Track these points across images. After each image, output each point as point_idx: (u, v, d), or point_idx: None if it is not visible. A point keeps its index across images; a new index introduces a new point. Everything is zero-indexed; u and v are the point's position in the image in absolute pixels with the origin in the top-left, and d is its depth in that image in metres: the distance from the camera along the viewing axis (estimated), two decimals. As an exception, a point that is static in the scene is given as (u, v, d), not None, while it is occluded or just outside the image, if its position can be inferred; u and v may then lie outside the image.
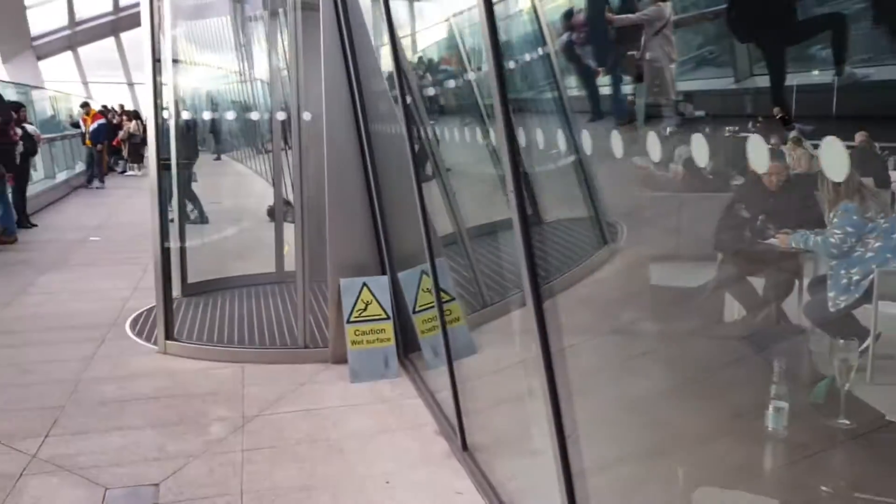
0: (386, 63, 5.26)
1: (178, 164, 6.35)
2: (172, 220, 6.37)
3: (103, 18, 31.13)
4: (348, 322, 4.78)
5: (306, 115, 5.23)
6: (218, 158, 10.14)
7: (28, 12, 26.11)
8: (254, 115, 6.49)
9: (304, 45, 5.25)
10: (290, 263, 7.29)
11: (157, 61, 5.07)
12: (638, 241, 5.20)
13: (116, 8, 31.14)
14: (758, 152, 1.91)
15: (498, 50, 2.36)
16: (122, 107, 22.10)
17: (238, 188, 10.07)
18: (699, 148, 2.07)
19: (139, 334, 5.56)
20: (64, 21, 29.38)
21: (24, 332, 5.61)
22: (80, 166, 17.41)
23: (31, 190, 12.81)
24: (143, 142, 20.41)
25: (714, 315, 3.99)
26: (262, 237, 8.12)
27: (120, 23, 31.71)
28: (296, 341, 5.15)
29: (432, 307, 4.85)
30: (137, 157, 19.71)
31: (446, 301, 4.83)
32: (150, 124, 5.04)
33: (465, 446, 3.58)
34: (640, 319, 4.43)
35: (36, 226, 10.65)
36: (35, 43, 27.59)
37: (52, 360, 4.97)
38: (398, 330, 4.92)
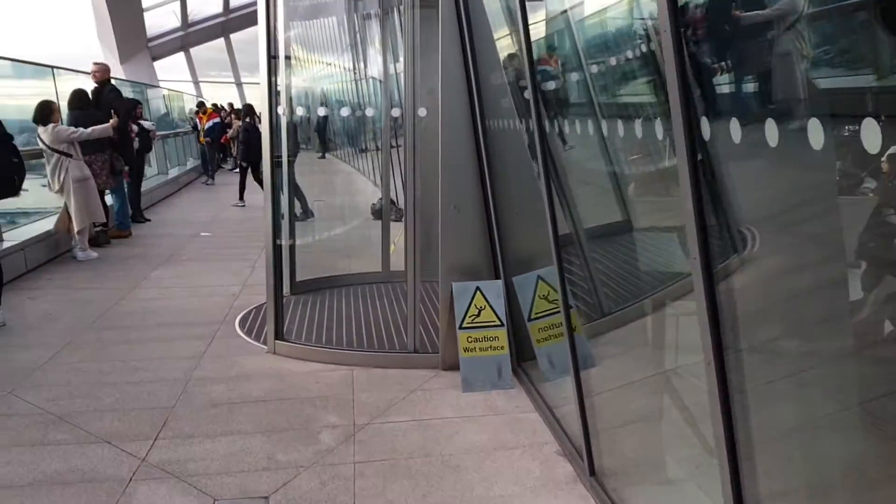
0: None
1: (288, 162, 6.28)
2: (283, 217, 6.33)
3: (214, 20, 32.14)
4: (460, 328, 4.56)
5: (421, 111, 5.03)
6: (322, 157, 10.14)
7: (145, 14, 27.16)
8: (369, 112, 6.35)
9: (420, 41, 5.07)
10: (396, 263, 7.16)
11: (272, 58, 4.98)
12: (774, 249, 4.74)
13: (227, 9, 32.09)
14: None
15: (682, 51, 2.08)
16: (231, 105, 22.67)
17: (343, 186, 10.05)
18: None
19: (248, 332, 5.51)
20: (177, 23, 30.47)
21: (137, 327, 5.64)
22: (192, 163, 17.93)
23: (145, 185, 13.24)
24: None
25: (874, 334, 3.57)
26: (367, 236, 8.03)
27: (230, 24, 32.70)
28: (405, 346, 4.96)
29: (549, 314, 4.57)
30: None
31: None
32: (264, 121, 4.95)
33: (592, 470, 3.29)
34: (780, 337, 4.03)
35: (149, 220, 10.94)
36: (151, 44, 28.69)
37: (163, 357, 4.96)
38: (511, 337, 4.67)
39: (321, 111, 6.23)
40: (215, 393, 4.36)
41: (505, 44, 5.12)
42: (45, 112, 7.91)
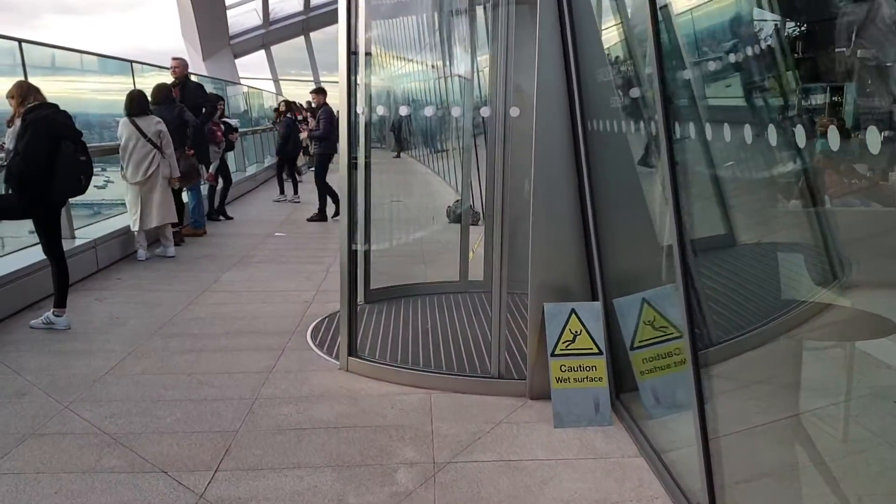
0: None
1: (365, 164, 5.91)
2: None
3: (295, 18, 32.37)
4: (552, 355, 4.07)
5: (514, 111, 4.57)
6: (398, 156, 9.78)
7: (227, 12, 27.47)
8: (455, 111, 5.91)
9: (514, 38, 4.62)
10: (474, 271, 6.71)
11: (352, 54, 4.59)
12: (881, 275, 4.10)
13: (307, 7, 32.28)
14: None
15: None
16: (308, 104, 22.63)
17: (419, 188, 9.67)
18: None
19: (320, 345, 5.15)
20: (258, 21, 30.77)
21: (204, 335, 5.35)
22: (269, 160, 17.87)
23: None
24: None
25: None
26: (443, 241, 7.62)
27: (310, 22, 32.90)
28: (488, 370, 4.51)
29: (656, 343, 4.05)
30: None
31: (674, 337, 4.02)
32: (342, 121, 4.57)
33: (718, 540, 2.77)
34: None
35: (231, 218, 10.78)
36: (233, 42, 29.03)
37: (230, 370, 4.63)
38: (610, 367, 4.16)
39: (403, 110, 5.83)
40: (283, 416, 3.99)
41: (611, 35, 4.63)
42: (147, 101, 7.80)
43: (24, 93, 5.30)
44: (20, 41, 7.18)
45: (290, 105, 13.80)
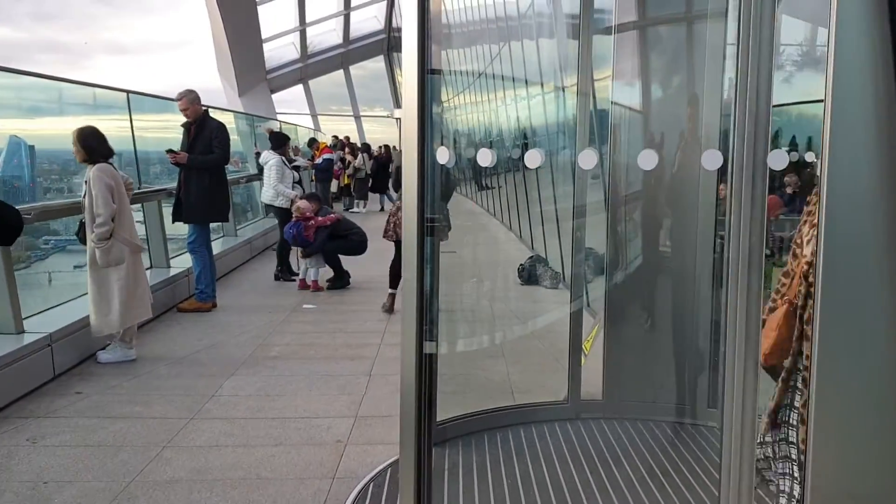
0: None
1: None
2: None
3: (333, 51, 31.02)
4: None
5: (711, 158, 2.37)
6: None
7: (264, 46, 26.09)
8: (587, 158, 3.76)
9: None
10: (589, 380, 4.50)
11: (428, 73, 2.44)
12: None
13: (346, 41, 30.94)
14: None
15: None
16: (347, 139, 20.86)
17: (489, 248, 7.53)
18: None
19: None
20: (296, 54, 29.38)
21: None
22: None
23: (249, 231, 11.19)
24: (368, 177, 18.89)
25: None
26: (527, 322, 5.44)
27: (349, 55, 31.57)
28: None
29: None
30: (362, 193, 18.23)
31: None
32: (410, 166, 2.41)
33: None
34: None
35: (294, 279, 8.78)
36: (269, 76, 27.63)
37: None
38: None
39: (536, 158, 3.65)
40: None
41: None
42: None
43: None
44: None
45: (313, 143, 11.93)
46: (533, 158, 2.25)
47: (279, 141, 9.72)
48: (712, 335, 4.28)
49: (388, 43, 33.25)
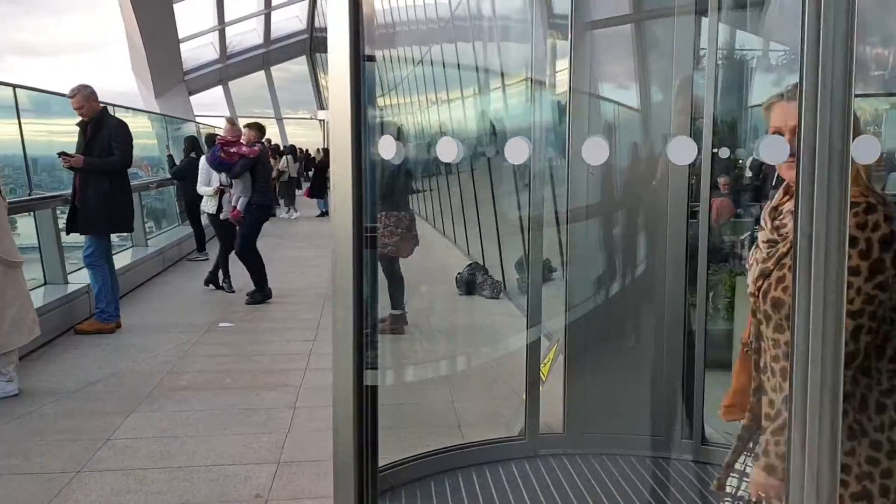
0: None
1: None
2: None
3: (254, 52, 30.06)
4: None
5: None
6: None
7: (181, 46, 24.97)
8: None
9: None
10: (548, 411, 3.94)
11: (364, 59, 1.82)
12: None
13: (267, 41, 30.06)
14: None
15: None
16: (269, 141, 19.96)
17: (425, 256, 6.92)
18: None
19: None
20: (215, 55, 28.29)
21: None
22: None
23: (163, 240, 10.31)
24: (293, 180, 18.07)
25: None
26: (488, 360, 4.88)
27: (270, 56, 30.70)
28: None
29: None
30: (290, 198, 17.37)
31: None
32: (342, 164, 1.78)
33: None
34: None
35: (234, 292, 7.99)
36: (187, 77, 26.49)
37: None
38: None
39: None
40: None
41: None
42: None
43: None
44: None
45: (194, 141, 11.21)
46: (519, 150, 1.65)
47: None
48: (685, 356, 3.80)
49: (310, 44, 32.45)
